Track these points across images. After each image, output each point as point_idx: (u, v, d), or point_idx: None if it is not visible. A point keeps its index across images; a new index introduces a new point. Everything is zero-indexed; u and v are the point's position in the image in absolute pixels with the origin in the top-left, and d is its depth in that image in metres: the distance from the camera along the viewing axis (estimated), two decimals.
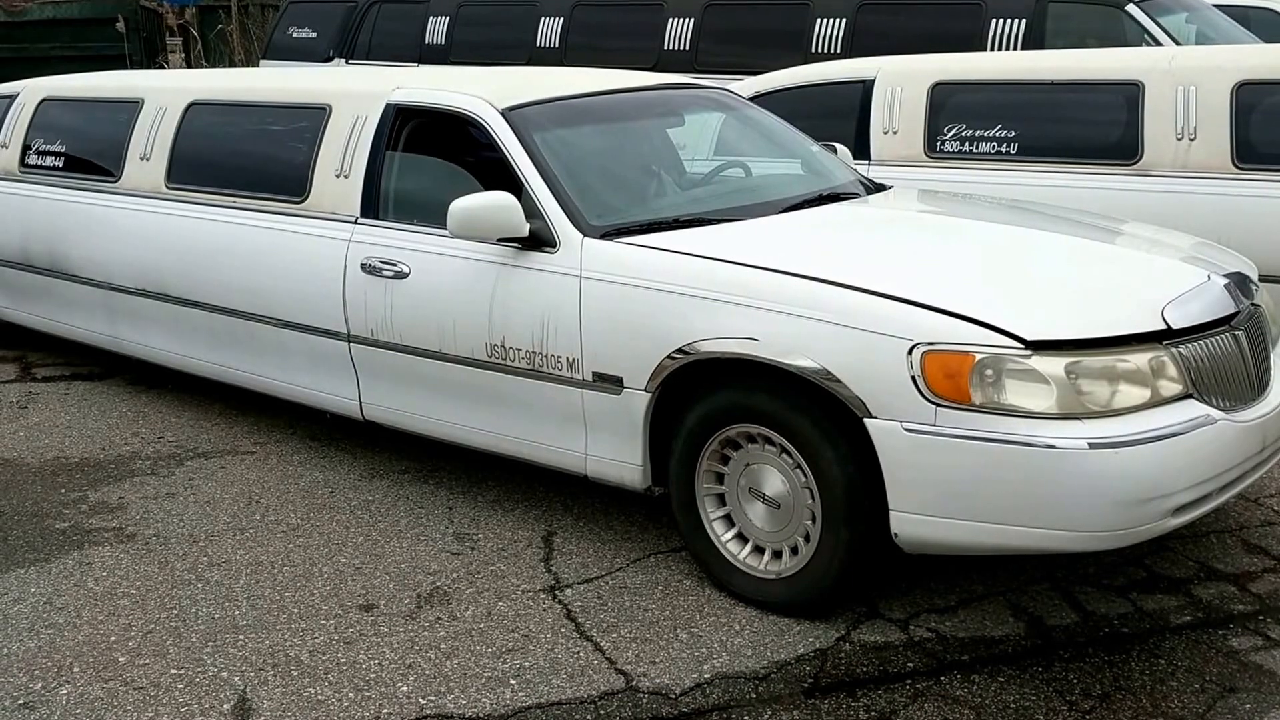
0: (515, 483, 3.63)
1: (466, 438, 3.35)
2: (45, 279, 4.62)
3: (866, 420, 2.52)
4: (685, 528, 2.94)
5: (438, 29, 8.17)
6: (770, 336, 2.63)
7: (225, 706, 2.48)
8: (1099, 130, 4.22)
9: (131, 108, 4.41)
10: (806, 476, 2.67)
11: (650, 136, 3.76)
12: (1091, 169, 4.20)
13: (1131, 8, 5.88)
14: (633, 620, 2.79)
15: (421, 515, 3.42)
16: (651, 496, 3.03)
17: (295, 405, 3.93)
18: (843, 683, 2.52)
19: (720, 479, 2.87)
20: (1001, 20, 6.05)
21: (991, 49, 6.04)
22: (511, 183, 3.18)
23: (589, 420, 3.01)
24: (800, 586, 2.73)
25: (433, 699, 2.50)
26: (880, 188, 3.71)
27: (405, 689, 2.53)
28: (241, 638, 2.75)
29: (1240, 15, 7.32)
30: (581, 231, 3.04)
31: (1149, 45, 5.68)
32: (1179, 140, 4.05)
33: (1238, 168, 3.95)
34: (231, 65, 13.65)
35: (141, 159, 4.27)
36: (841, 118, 4.67)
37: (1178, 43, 5.72)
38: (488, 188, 3.20)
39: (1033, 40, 5.98)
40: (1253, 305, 2.81)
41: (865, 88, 4.69)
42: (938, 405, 2.44)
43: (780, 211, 3.24)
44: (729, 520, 2.87)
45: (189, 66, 13.61)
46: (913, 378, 2.46)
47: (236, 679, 2.58)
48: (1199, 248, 3.13)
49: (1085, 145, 4.23)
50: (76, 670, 2.64)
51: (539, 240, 3.07)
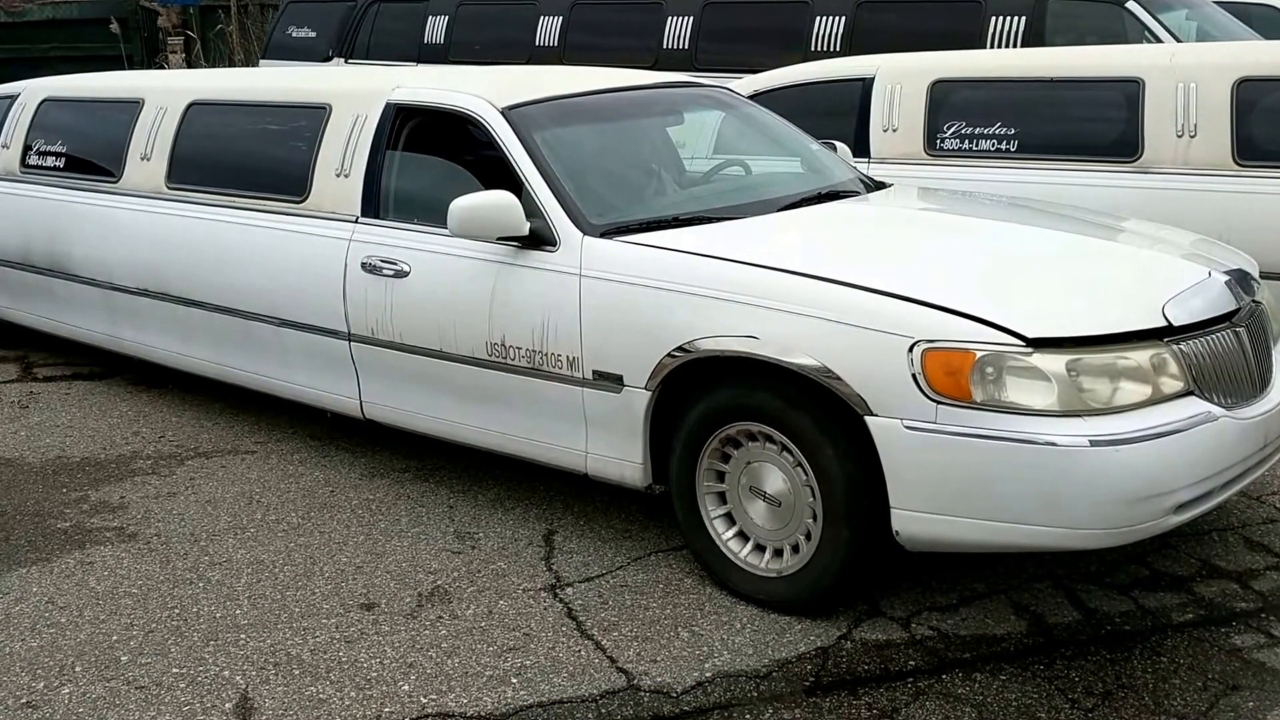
0: (516, 481, 3.64)
1: (467, 436, 3.35)
2: (46, 279, 4.62)
3: (867, 418, 2.52)
4: (686, 526, 2.94)
5: (437, 28, 8.16)
6: (770, 334, 2.63)
7: (227, 705, 2.48)
8: (1099, 127, 4.22)
9: (132, 108, 4.41)
10: (807, 474, 2.67)
11: (650, 135, 3.76)
12: (1092, 166, 4.19)
13: (1131, 4, 5.88)
14: (634, 619, 2.79)
15: (422, 514, 3.42)
16: (652, 495, 3.03)
17: (296, 404, 3.93)
18: (844, 681, 2.52)
19: (721, 477, 2.87)
20: (1001, 18, 6.05)
21: (991, 46, 6.04)
22: (511, 182, 3.18)
23: (589, 419, 3.01)
24: (801, 585, 2.73)
25: (434, 697, 2.50)
26: (880, 186, 3.71)
27: (407, 687, 2.53)
28: (243, 637, 2.75)
29: (1241, 12, 7.31)
30: (581, 230, 3.03)
31: (1149, 42, 5.68)
32: (1179, 137, 4.05)
33: (1238, 165, 3.95)
34: (231, 65, 13.65)
35: (142, 159, 4.27)
36: (841, 116, 4.67)
37: (1178, 39, 5.72)
38: (488, 187, 3.20)
39: (1032, 38, 5.98)
40: (1254, 302, 2.81)
41: (865, 85, 4.68)
42: (939, 403, 2.44)
43: (780, 209, 3.24)
44: (730, 518, 2.87)
45: (189, 66, 13.61)
46: (913, 375, 2.46)
47: (238, 678, 2.58)
48: (1199, 245, 3.13)
49: (1085, 143, 4.22)
50: (79, 669, 2.64)
51: (539, 239, 3.07)
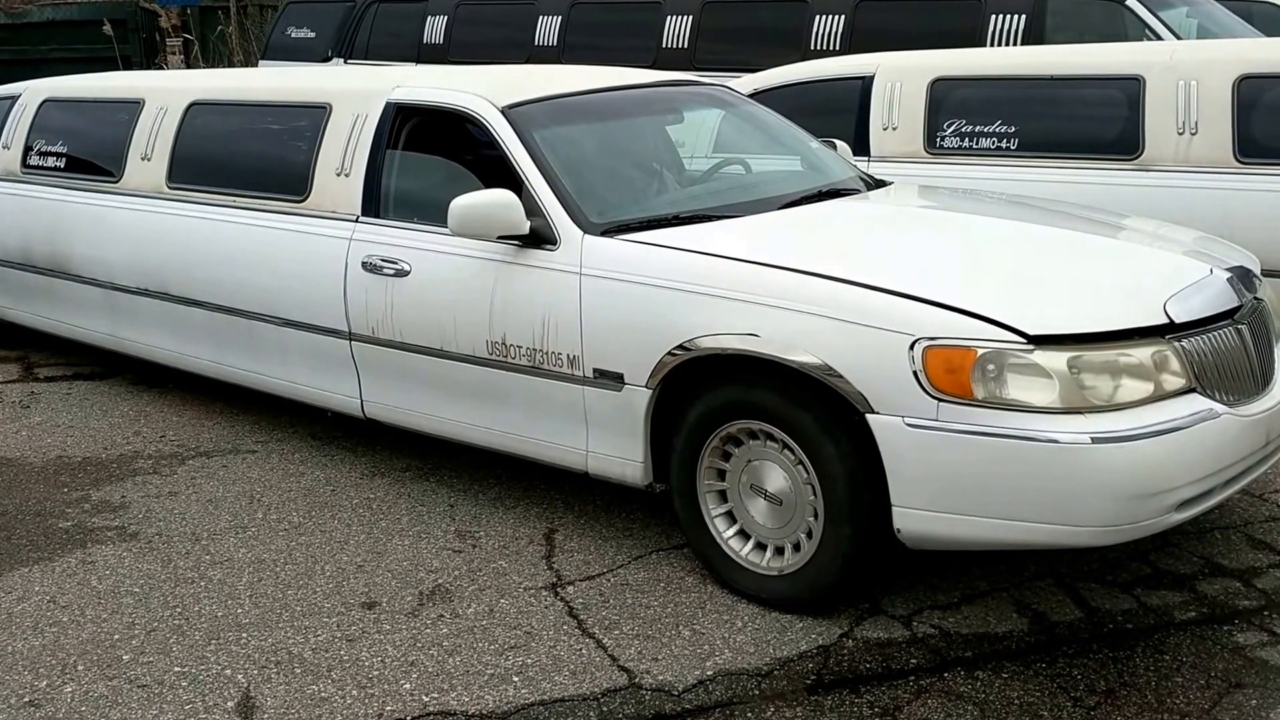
0: (516, 480, 3.63)
1: (467, 435, 3.35)
2: (47, 279, 4.62)
3: (868, 416, 2.52)
4: (687, 524, 2.93)
5: (436, 28, 8.16)
6: (771, 332, 2.63)
7: (229, 704, 2.48)
8: (1100, 125, 4.21)
9: (132, 108, 4.41)
10: (808, 472, 2.67)
11: (650, 134, 3.75)
12: (1093, 164, 4.19)
13: (1132, 2, 5.87)
14: (635, 617, 2.79)
15: (423, 513, 3.42)
16: (653, 493, 3.03)
17: (297, 404, 3.93)
18: (846, 679, 2.51)
19: (722, 475, 2.86)
20: (1001, 16, 6.04)
21: (991, 45, 6.03)
22: (512, 180, 3.18)
23: (590, 417, 3.01)
24: (803, 583, 2.72)
25: (435, 696, 2.50)
26: (880, 184, 3.71)
27: (408, 686, 2.53)
28: (244, 635, 2.75)
29: (1242, 9, 7.30)
30: (582, 229, 3.03)
31: (1150, 40, 5.67)
32: (1180, 135, 4.04)
33: (1239, 162, 3.94)
34: (231, 66, 13.66)
35: (143, 159, 4.27)
36: (841, 114, 4.66)
37: (1179, 37, 5.71)
38: (488, 185, 3.20)
39: (1033, 36, 5.97)
40: (1255, 299, 2.81)
41: (865, 84, 4.68)
42: (940, 400, 2.44)
43: (780, 208, 3.24)
44: (731, 517, 2.87)
45: (188, 67, 13.62)
46: (914, 373, 2.46)
47: (240, 676, 2.58)
48: (1201, 242, 3.13)
49: (1086, 140, 4.22)
50: (81, 668, 2.64)
51: (539, 238, 3.07)
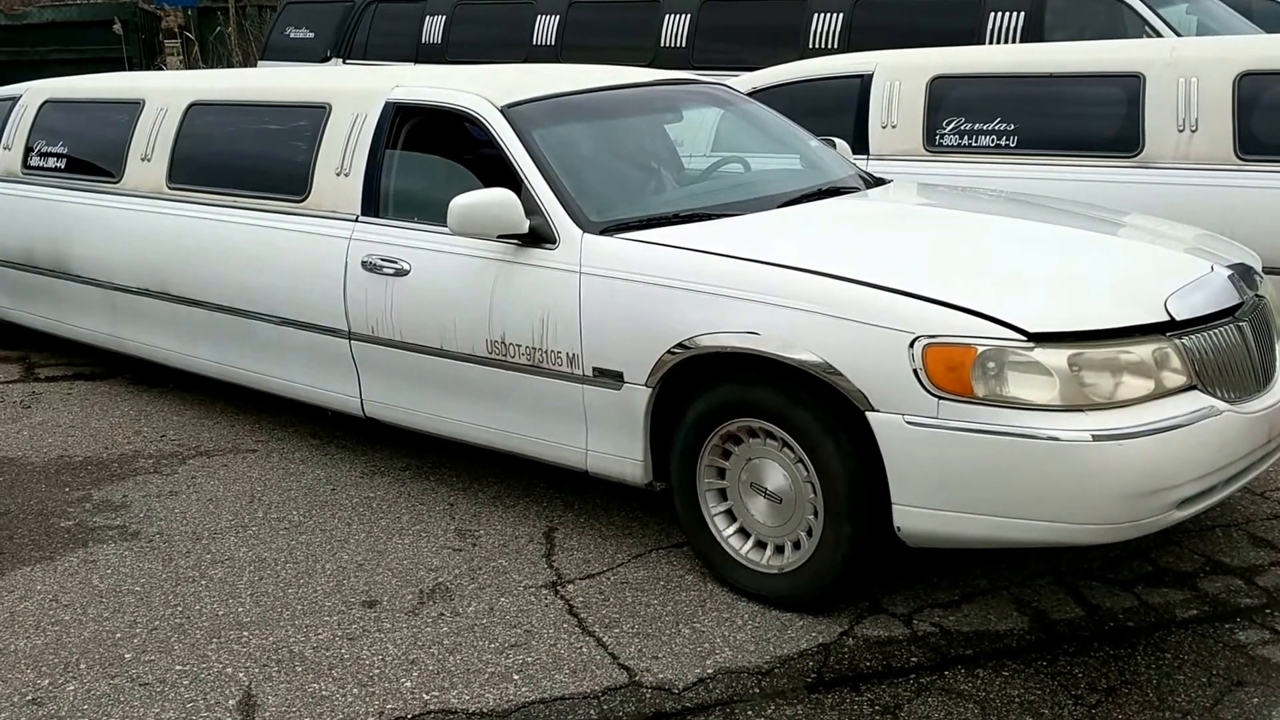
0: (516, 479, 3.63)
1: (467, 434, 3.35)
2: (48, 279, 4.63)
3: (868, 414, 2.52)
4: (686, 523, 2.93)
5: (434, 28, 8.16)
6: (771, 330, 2.63)
7: (230, 702, 2.48)
8: (1100, 123, 4.21)
9: (132, 109, 4.41)
10: (808, 470, 2.67)
11: (649, 132, 3.75)
12: (1093, 162, 4.18)
13: None
14: (635, 616, 2.79)
15: (423, 512, 3.42)
16: (653, 492, 3.03)
17: (297, 403, 3.93)
18: (846, 677, 2.51)
19: (721, 474, 2.86)
20: (1000, 13, 6.04)
21: (990, 42, 6.03)
22: (511, 179, 3.18)
23: (590, 416, 3.01)
24: (803, 581, 2.72)
25: (436, 694, 2.50)
26: (880, 182, 3.70)
27: (409, 684, 2.53)
28: (246, 634, 2.75)
29: (1242, 6, 7.30)
30: (581, 227, 3.03)
31: (1149, 37, 5.67)
32: (1180, 132, 4.04)
33: (1240, 159, 3.94)
34: (230, 66, 13.66)
35: (143, 159, 4.28)
36: (840, 112, 4.66)
37: (1178, 34, 5.71)
38: (487, 185, 3.20)
39: (1032, 33, 5.97)
40: (1256, 296, 2.80)
41: (864, 82, 4.68)
42: (940, 398, 2.44)
43: (779, 206, 3.24)
44: (730, 515, 2.87)
45: (187, 68, 13.62)
46: (914, 371, 2.45)
47: (241, 675, 2.58)
48: (1201, 239, 3.12)
49: (1086, 138, 4.21)
50: (83, 667, 2.64)
51: (539, 236, 3.07)
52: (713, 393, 2.78)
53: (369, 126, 3.58)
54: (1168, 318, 2.52)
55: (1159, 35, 5.67)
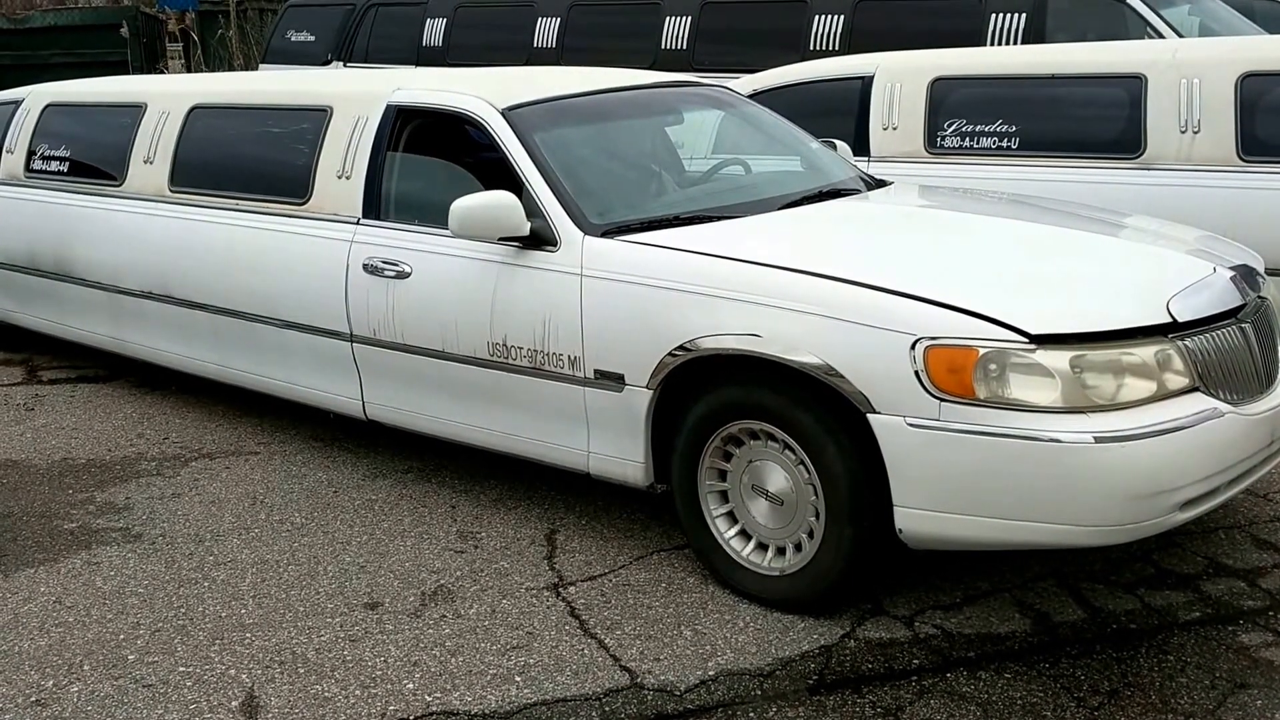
0: (518, 481, 3.64)
1: (469, 436, 3.35)
2: (50, 282, 4.64)
3: (870, 416, 2.52)
4: (688, 525, 2.93)
5: (435, 31, 8.18)
6: (772, 333, 2.63)
7: (233, 704, 2.49)
8: (1102, 124, 4.21)
9: (135, 112, 4.42)
10: (810, 473, 2.67)
11: (649, 135, 3.76)
12: (1094, 163, 4.18)
13: (1133, 0, 5.86)
14: (636, 618, 2.79)
15: (425, 514, 3.43)
16: (654, 494, 3.03)
17: (299, 406, 3.94)
18: (848, 680, 2.51)
19: (723, 476, 2.86)
20: (1001, 15, 6.04)
21: (991, 44, 6.03)
22: (512, 182, 3.18)
23: (591, 418, 3.01)
24: (804, 583, 2.72)
25: (438, 696, 2.50)
26: (881, 183, 3.70)
27: (411, 686, 2.54)
28: (248, 636, 2.76)
29: (1244, 7, 7.29)
30: (582, 230, 3.03)
31: (1151, 38, 5.66)
32: (1183, 133, 4.03)
33: (1242, 160, 3.93)
34: (231, 70, 13.69)
35: (145, 162, 4.28)
36: (841, 114, 4.66)
37: (1181, 35, 5.70)
38: (488, 187, 3.20)
39: (1033, 35, 5.97)
40: (1259, 298, 2.80)
41: (864, 84, 4.68)
42: (941, 400, 2.44)
43: (780, 208, 3.24)
44: (732, 517, 2.87)
45: (189, 71, 13.65)
46: (916, 373, 2.45)
47: (244, 676, 2.59)
48: (1204, 241, 3.12)
49: (1088, 139, 4.21)
50: (87, 668, 2.65)
51: (540, 239, 3.07)
52: (714, 395, 2.79)
53: (370, 129, 3.58)
54: (1170, 319, 2.51)
55: (1161, 36, 5.67)
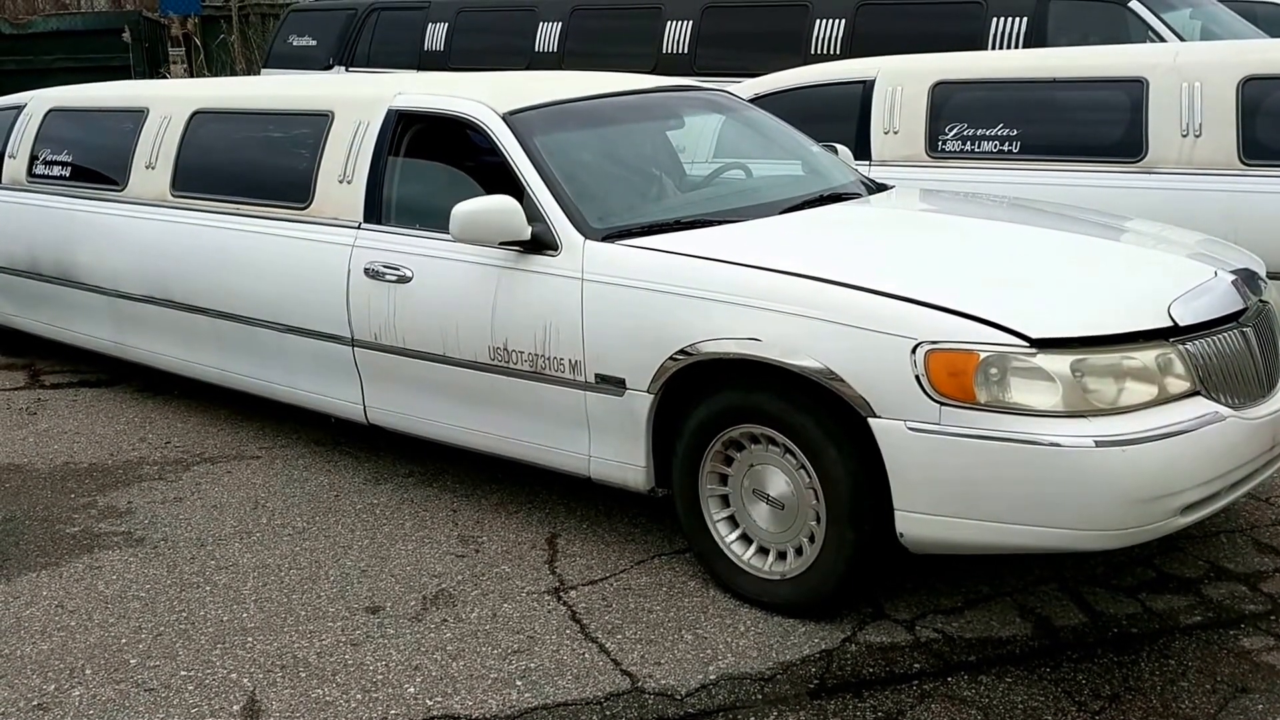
0: (519, 486, 3.64)
1: (470, 440, 3.35)
2: (52, 287, 4.64)
3: (870, 420, 2.52)
4: (689, 529, 2.93)
5: (436, 35, 8.19)
6: (773, 337, 2.63)
7: (235, 707, 2.49)
8: (1103, 128, 4.21)
9: (137, 117, 4.43)
10: (810, 477, 2.67)
11: (651, 139, 3.76)
12: (1096, 167, 4.18)
13: (1134, 4, 5.87)
14: (638, 622, 2.79)
15: (426, 518, 3.43)
16: (655, 498, 3.03)
17: (300, 410, 3.94)
18: (849, 684, 2.51)
19: (724, 480, 2.86)
20: (1002, 19, 6.05)
21: (993, 48, 6.03)
22: (513, 186, 3.19)
23: (592, 422, 3.01)
24: (805, 587, 2.72)
25: (439, 700, 2.50)
26: (882, 188, 3.71)
27: (412, 690, 2.54)
28: (250, 640, 2.76)
29: (1246, 10, 7.29)
30: (583, 234, 3.04)
31: (1152, 42, 5.67)
32: (1184, 137, 4.03)
33: (1244, 164, 3.93)
34: (233, 74, 13.73)
35: (147, 167, 4.29)
36: (842, 119, 4.66)
37: (1182, 39, 5.70)
38: (489, 192, 3.21)
39: (1034, 39, 5.97)
40: (1260, 302, 2.80)
41: (866, 88, 4.68)
42: (942, 404, 2.43)
43: (781, 212, 3.24)
44: (733, 521, 2.87)
45: (191, 76, 13.68)
46: (916, 377, 2.45)
47: (245, 680, 2.59)
48: (1205, 244, 3.12)
49: (1089, 143, 4.21)
50: (88, 672, 2.65)
51: (541, 243, 3.07)
52: (715, 399, 2.79)
53: (371, 134, 3.59)
54: (1171, 323, 2.51)
55: (1162, 40, 5.68)
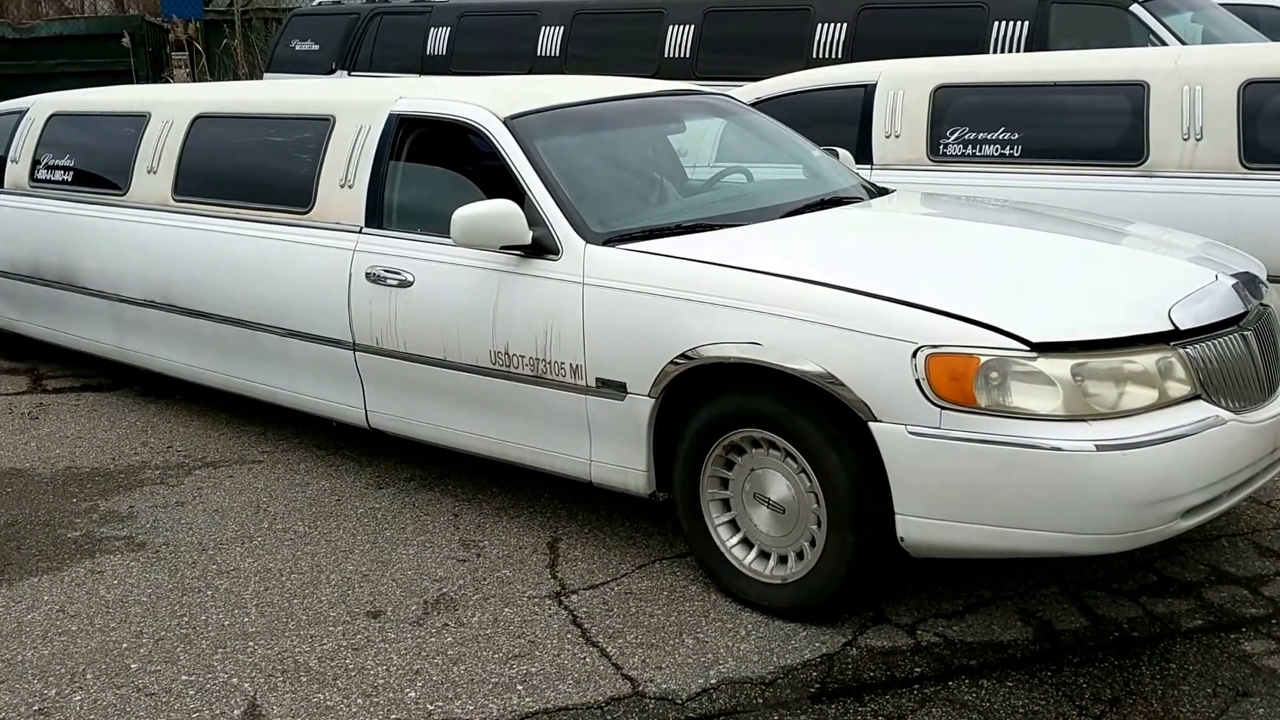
0: (520, 490, 3.64)
1: (471, 445, 3.35)
2: (55, 291, 4.65)
3: (871, 424, 2.52)
4: (690, 533, 2.93)
5: (439, 40, 8.21)
6: (773, 341, 2.63)
7: (236, 712, 2.49)
8: (1104, 131, 4.21)
9: (139, 121, 4.44)
10: (811, 480, 2.67)
11: (651, 143, 3.76)
12: (1097, 171, 4.18)
13: (1136, 8, 5.87)
14: (639, 626, 2.79)
15: (428, 523, 3.43)
16: (656, 502, 3.03)
17: (302, 414, 3.95)
18: (850, 688, 2.51)
19: (725, 484, 2.86)
20: (1003, 22, 6.05)
21: (994, 51, 6.04)
22: (514, 191, 3.19)
23: (593, 426, 3.01)
24: (806, 591, 2.72)
25: (440, 704, 2.50)
26: (882, 191, 3.71)
27: (413, 695, 2.54)
28: (251, 644, 2.76)
29: (1247, 14, 7.30)
30: (584, 238, 3.04)
31: (1154, 45, 5.67)
32: (1185, 140, 4.04)
33: (1245, 167, 3.93)
34: (236, 79, 13.75)
35: (149, 172, 4.30)
36: (843, 122, 4.67)
37: (1183, 42, 5.71)
38: (490, 196, 3.21)
39: (1036, 42, 5.98)
40: (1261, 305, 2.80)
41: (867, 92, 4.69)
42: (943, 408, 2.44)
43: (782, 216, 3.24)
44: (734, 525, 2.87)
45: (194, 80, 13.71)
46: (917, 381, 2.45)
47: (246, 685, 2.59)
48: (1206, 248, 3.12)
49: (1090, 147, 4.21)
50: (90, 677, 2.65)
51: (542, 247, 3.08)
52: (715, 403, 2.79)
53: (373, 138, 3.59)
54: (1171, 327, 2.51)
55: (1163, 43, 5.68)
